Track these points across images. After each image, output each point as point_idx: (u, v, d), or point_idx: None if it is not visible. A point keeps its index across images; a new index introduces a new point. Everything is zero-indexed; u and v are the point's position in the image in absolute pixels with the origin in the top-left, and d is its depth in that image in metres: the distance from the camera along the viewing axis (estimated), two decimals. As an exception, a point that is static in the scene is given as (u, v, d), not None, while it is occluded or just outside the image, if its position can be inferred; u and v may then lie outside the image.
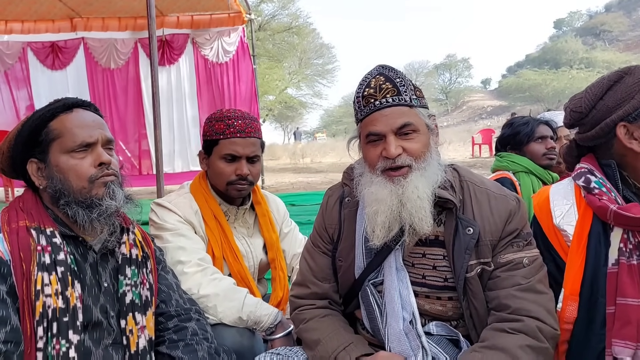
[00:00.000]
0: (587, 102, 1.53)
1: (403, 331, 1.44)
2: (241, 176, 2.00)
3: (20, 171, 1.52)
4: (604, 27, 65.42)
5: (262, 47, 27.03)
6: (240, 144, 2.00)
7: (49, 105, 1.52)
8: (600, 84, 1.52)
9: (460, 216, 1.48)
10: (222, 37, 9.26)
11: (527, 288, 1.42)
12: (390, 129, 1.45)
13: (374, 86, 1.49)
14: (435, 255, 1.51)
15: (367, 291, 1.54)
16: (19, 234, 1.38)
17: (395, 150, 1.44)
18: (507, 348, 1.32)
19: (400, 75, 1.50)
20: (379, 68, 1.53)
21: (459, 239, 1.45)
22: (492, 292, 1.45)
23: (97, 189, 1.47)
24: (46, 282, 1.34)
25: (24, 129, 1.48)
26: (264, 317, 1.83)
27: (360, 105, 1.52)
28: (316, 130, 59.25)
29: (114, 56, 9.07)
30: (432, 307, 1.51)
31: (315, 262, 1.67)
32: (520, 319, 1.37)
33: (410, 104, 1.48)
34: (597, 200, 1.46)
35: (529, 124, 2.94)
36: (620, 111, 1.47)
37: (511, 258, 1.46)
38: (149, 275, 1.60)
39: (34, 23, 8.65)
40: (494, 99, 62.68)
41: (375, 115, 1.47)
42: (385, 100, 1.47)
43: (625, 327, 1.37)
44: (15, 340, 1.27)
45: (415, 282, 1.50)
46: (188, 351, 1.51)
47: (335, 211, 1.65)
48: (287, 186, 12.09)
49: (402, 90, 1.48)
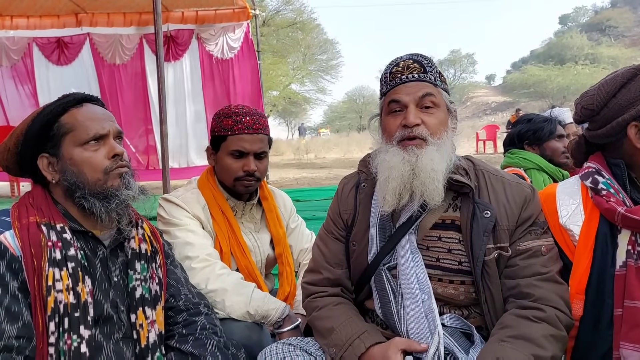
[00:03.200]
0: (599, 100, 1.50)
1: (423, 312, 1.45)
2: (248, 172, 2.02)
3: (28, 167, 1.51)
4: (609, 23, 64.93)
5: (266, 42, 26.97)
6: (248, 140, 2.02)
7: (59, 100, 1.53)
8: (614, 81, 1.49)
9: (477, 200, 1.50)
10: (227, 32, 9.24)
11: (548, 278, 1.44)
12: (413, 98, 1.52)
13: (402, 66, 1.57)
14: (450, 239, 1.52)
15: (382, 275, 1.54)
16: (29, 229, 1.39)
17: (415, 119, 1.49)
18: (533, 337, 1.33)
19: (428, 59, 1.58)
20: (409, 54, 1.61)
21: (477, 222, 1.47)
22: (512, 280, 1.46)
23: (113, 180, 1.48)
24: (57, 278, 1.35)
25: (34, 124, 1.48)
26: (271, 311, 1.84)
27: (387, 80, 1.59)
28: (320, 126, 59.01)
29: (119, 52, 9.06)
30: (444, 291, 1.51)
31: (329, 248, 1.68)
32: (542, 307, 1.39)
33: (434, 83, 1.55)
34: (604, 202, 1.44)
35: (551, 121, 2.96)
36: (633, 110, 1.44)
37: (530, 246, 1.48)
38: (158, 269, 1.61)
39: (39, 19, 8.65)
40: (498, 94, 62.40)
41: (400, 87, 1.54)
42: (412, 76, 1.54)
43: (634, 330, 1.36)
44: (28, 335, 1.29)
45: (428, 265, 1.52)
46: (197, 345, 1.52)
47: (351, 197, 1.67)
48: (291, 182, 12.09)
49: (428, 70, 1.56)
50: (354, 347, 1.45)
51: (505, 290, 1.47)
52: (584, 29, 66.10)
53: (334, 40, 41.88)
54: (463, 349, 1.44)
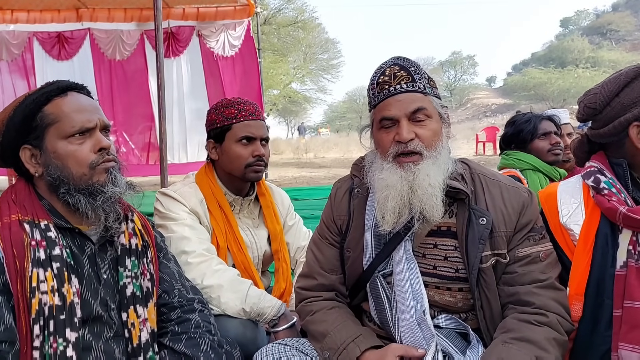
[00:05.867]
0: (602, 99, 1.50)
1: (415, 321, 1.43)
2: (259, 157, 2.04)
3: (11, 159, 1.45)
4: (610, 27, 64.96)
5: (267, 41, 26.97)
6: (254, 125, 2.05)
7: (42, 88, 1.45)
8: (617, 81, 1.48)
9: (473, 206, 1.47)
10: (228, 30, 9.22)
11: (547, 285, 1.42)
12: (404, 113, 1.46)
13: (388, 74, 1.51)
14: (447, 246, 1.50)
15: (377, 282, 1.53)
16: (11, 228, 1.33)
17: (408, 135, 1.45)
18: (537, 340, 1.32)
19: (414, 65, 1.52)
20: (393, 59, 1.55)
21: (473, 229, 1.45)
22: (510, 287, 1.45)
23: (99, 175, 1.42)
24: (42, 279, 1.30)
25: (16, 114, 1.41)
26: (267, 309, 1.82)
27: (375, 91, 1.53)
28: (320, 126, 58.98)
29: (120, 47, 9.03)
30: (441, 298, 1.50)
31: (323, 253, 1.66)
32: (544, 313, 1.38)
33: (424, 92, 1.49)
34: (606, 201, 1.43)
35: (530, 121, 2.90)
36: (635, 110, 1.43)
37: (528, 252, 1.46)
38: (149, 265, 1.56)
39: (40, 13, 8.62)
40: (498, 97, 62.39)
41: (390, 101, 1.48)
42: (400, 87, 1.48)
43: (633, 330, 1.35)
44: (10, 339, 1.25)
45: (425, 273, 1.50)
46: (191, 345, 1.48)
47: (345, 202, 1.64)
48: (290, 180, 12.08)
49: (416, 78, 1.50)
50: (348, 351, 1.43)
51: (504, 297, 1.46)
52: (585, 33, 66.18)
53: (335, 39, 41.89)
54: (459, 349, 1.42)
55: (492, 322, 1.46)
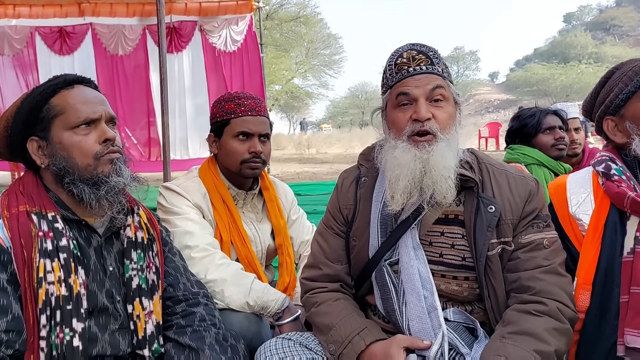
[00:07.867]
0: (588, 100, 1.63)
1: (425, 309, 1.42)
2: (255, 154, 2.01)
3: (19, 152, 1.47)
4: (614, 22, 64.73)
5: (269, 36, 26.92)
6: (252, 121, 2.02)
7: (49, 81, 1.47)
8: (599, 81, 1.60)
9: (481, 195, 1.47)
10: (230, 25, 9.21)
11: (549, 270, 1.41)
12: (423, 91, 1.47)
13: (406, 57, 1.51)
14: (454, 234, 1.50)
15: (383, 271, 1.51)
16: (19, 219, 1.35)
17: (426, 113, 1.45)
18: (535, 332, 1.31)
19: (432, 50, 1.54)
20: (410, 44, 1.55)
21: (481, 217, 1.45)
22: (513, 273, 1.44)
23: (103, 166, 1.44)
24: (48, 269, 1.32)
25: (23, 106, 1.44)
26: (271, 302, 1.82)
27: (392, 72, 1.53)
28: (322, 121, 58.90)
29: (122, 42, 9.02)
30: (447, 287, 1.49)
31: (328, 243, 1.65)
32: (543, 300, 1.37)
33: (442, 75, 1.50)
34: (615, 186, 1.46)
35: (535, 115, 2.89)
36: (603, 106, 1.55)
37: (532, 239, 1.45)
38: (155, 258, 1.57)
39: (42, 8, 8.61)
40: (501, 92, 62.22)
41: (408, 80, 1.49)
42: (420, 68, 1.49)
43: (639, 316, 1.36)
44: (17, 329, 1.26)
45: (431, 261, 1.49)
46: (196, 338, 1.48)
47: (352, 191, 1.64)
48: (293, 176, 12.08)
49: (435, 61, 1.51)
50: (353, 344, 1.42)
51: (507, 284, 1.45)
52: (588, 28, 65.99)
53: (337, 35, 41.64)
54: (466, 343, 1.41)
55: (498, 312, 1.45)
